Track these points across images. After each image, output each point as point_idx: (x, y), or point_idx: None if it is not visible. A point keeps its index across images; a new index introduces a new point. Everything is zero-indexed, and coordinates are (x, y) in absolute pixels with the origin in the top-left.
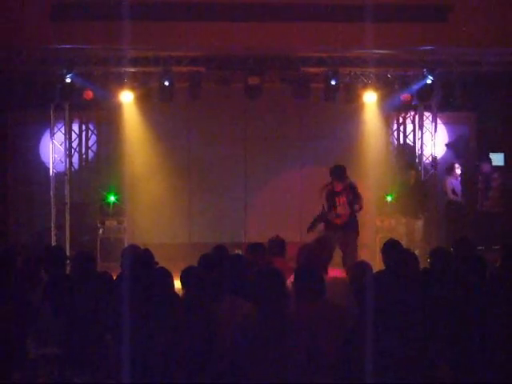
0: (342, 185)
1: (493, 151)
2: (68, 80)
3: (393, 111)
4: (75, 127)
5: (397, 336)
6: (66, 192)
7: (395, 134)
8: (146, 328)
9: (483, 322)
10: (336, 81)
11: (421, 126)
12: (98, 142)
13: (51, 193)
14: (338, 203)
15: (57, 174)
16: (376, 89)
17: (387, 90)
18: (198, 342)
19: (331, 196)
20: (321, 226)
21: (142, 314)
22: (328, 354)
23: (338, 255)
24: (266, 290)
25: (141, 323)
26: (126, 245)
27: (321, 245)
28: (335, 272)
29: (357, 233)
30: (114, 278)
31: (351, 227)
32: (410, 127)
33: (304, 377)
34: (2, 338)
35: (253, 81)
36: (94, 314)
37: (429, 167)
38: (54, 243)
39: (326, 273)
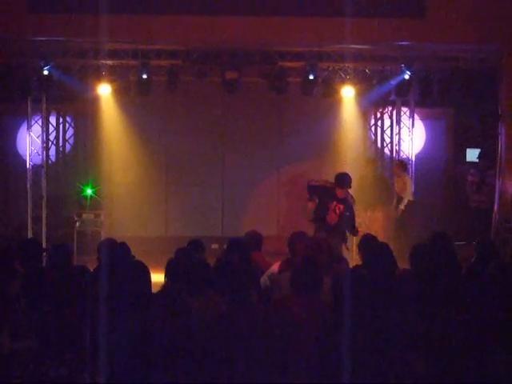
0: (343, 193)
1: (469, 147)
2: (45, 72)
3: (370, 106)
4: (52, 120)
5: (371, 331)
6: (43, 185)
7: (373, 129)
8: (121, 322)
9: (456, 316)
10: (314, 75)
11: (398, 122)
12: (75, 134)
13: (28, 185)
14: (333, 208)
15: (33, 167)
16: (354, 84)
17: (365, 85)
18: (172, 337)
19: (331, 197)
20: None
21: (117, 307)
22: (306, 348)
23: None
24: (237, 286)
25: (116, 316)
26: (102, 238)
27: (321, 246)
28: None
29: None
30: (91, 271)
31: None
32: (387, 122)
33: (279, 372)
34: None
35: (231, 75)
36: (70, 307)
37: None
38: (30, 236)
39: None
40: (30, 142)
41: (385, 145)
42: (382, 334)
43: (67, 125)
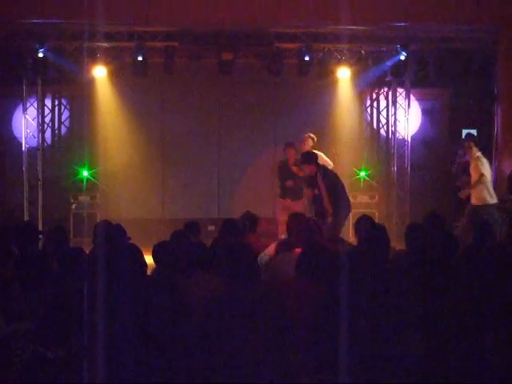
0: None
1: (465, 127)
2: (40, 55)
3: (366, 87)
4: (48, 102)
5: (369, 312)
6: (39, 167)
7: (368, 110)
8: (118, 303)
9: (453, 298)
10: (310, 57)
11: (394, 103)
12: (70, 117)
13: (24, 168)
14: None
15: (29, 150)
16: (349, 65)
17: (361, 66)
18: (167, 318)
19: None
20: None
21: (112, 289)
22: (305, 330)
23: None
24: (236, 266)
25: (112, 298)
26: (98, 220)
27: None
28: None
29: None
30: (87, 253)
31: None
32: (383, 103)
33: (274, 354)
34: None
35: (226, 56)
36: (66, 288)
37: (401, 143)
38: (26, 218)
39: None
40: (26, 124)
41: (381, 126)
42: (379, 316)
43: (63, 107)
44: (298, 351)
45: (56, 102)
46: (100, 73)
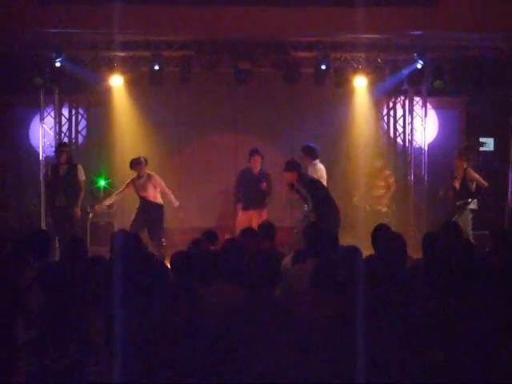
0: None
1: (482, 136)
2: (58, 64)
3: (383, 96)
4: (65, 111)
5: (388, 322)
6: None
7: (385, 118)
8: (134, 313)
9: (472, 306)
10: (326, 65)
11: (411, 111)
12: (87, 126)
13: (41, 177)
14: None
15: (46, 159)
16: (366, 73)
17: (377, 74)
18: (185, 327)
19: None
20: None
21: (129, 298)
22: (320, 341)
23: None
24: (258, 274)
25: (129, 308)
26: (115, 229)
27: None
28: None
29: None
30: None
31: None
32: (400, 112)
33: (294, 363)
34: None
35: (243, 65)
36: (83, 298)
37: (418, 152)
38: (43, 227)
39: None
40: (43, 133)
41: (397, 134)
42: (397, 326)
43: (80, 116)
44: (316, 361)
45: (73, 112)
46: (117, 82)
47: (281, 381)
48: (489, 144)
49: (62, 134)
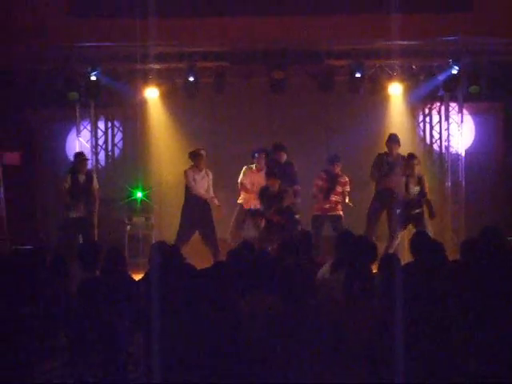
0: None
1: None
2: (93, 78)
3: (418, 103)
4: (101, 124)
5: (428, 329)
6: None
7: (421, 125)
8: (173, 326)
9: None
10: (361, 73)
11: (447, 117)
12: (123, 138)
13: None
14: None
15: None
16: (401, 80)
17: (412, 81)
18: (222, 338)
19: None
20: None
21: (169, 310)
22: (355, 349)
23: None
24: (292, 285)
25: (168, 320)
26: (153, 241)
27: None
28: None
29: None
30: (143, 274)
31: None
32: (436, 118)
33: (328, 372)
34: (30, 335)
35: (277, 75)
36: (122, 311)
37: (455, 158)
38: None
39: None
40: (80, 147)
41: (433, 141)
42: (436, 333)
43: (116, 129)
44: (354, 370)
45: (109, 124)
46: (152, 94)
47: None
48: None
49: (99, 147)
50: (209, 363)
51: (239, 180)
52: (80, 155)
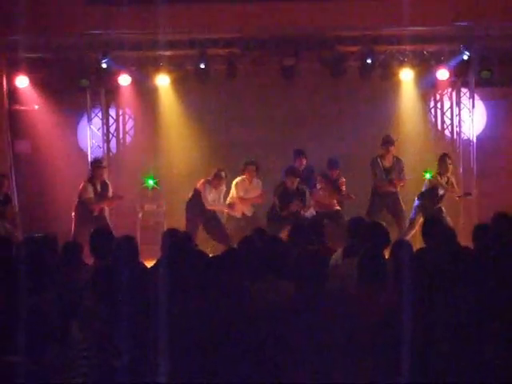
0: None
1: None
2: (104, 65)
3: (430, 88)
4: (112, 112)
5: (439, 317)
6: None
7: (432, 111)
8: (186, 312)
9: None
10: (372, 59)
11: (458, 103)
12: (135, 126)
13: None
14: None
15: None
16: (412, 66)
17: (423, 67)
18: (234, 324)
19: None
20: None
21: (181, 296)
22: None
23: None
24: (306, 271)
25: (180, 306)
26: (165, 228)
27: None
28: None
29: None
30: (155, 261)
31: None
32: (447, 104)
33: (343, 359)
34: (44, 322)
35: (288, 61)
36: (135, 298)
37: (467, 144)
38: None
39: None
40: (91, 135)
41: (445, 127)
42: (448, 320)
43: (127, 117)
44: (366, 358)
45: (120, 112)
46: (163, 81)
47: (330, 376)
48: None
49: (110, 135)
50: (220, 349)
51: (230, 195)
52: (97, 162)
